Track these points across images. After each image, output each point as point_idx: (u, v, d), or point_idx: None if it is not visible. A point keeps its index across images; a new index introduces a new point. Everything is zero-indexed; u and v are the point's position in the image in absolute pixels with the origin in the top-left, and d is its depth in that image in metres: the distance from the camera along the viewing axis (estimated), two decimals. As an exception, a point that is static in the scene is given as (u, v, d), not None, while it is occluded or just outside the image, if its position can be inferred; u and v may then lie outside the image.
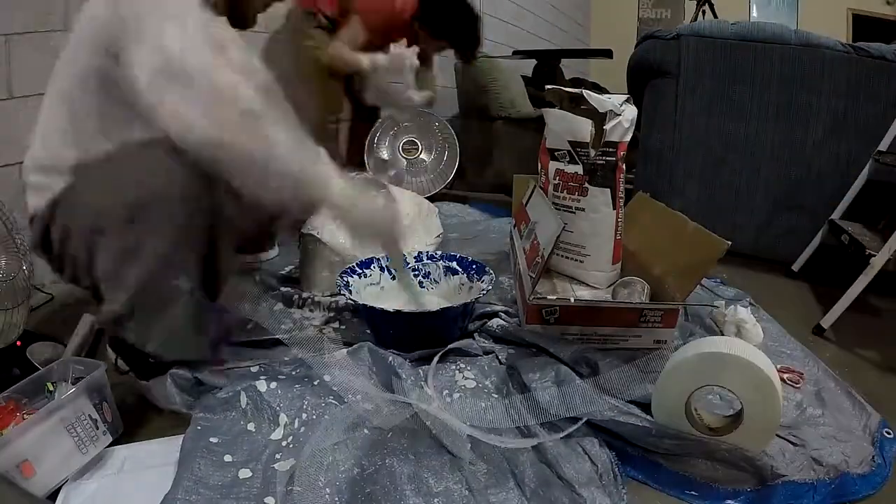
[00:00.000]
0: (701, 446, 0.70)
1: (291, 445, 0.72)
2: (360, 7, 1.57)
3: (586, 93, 1.08)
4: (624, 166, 1.09)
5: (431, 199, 1.83)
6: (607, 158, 1.07)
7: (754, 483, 0.68)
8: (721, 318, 1.05)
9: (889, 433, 0.78)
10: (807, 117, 1.44)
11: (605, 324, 0.96)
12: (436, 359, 0.89)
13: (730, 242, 0.89)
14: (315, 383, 0.84)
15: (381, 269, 1.12)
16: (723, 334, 1.02)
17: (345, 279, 1.02)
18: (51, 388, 0.74)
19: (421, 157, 2.16)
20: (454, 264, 1.12)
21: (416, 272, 1.15)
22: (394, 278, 1.08)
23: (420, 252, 1.15)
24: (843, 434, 0.77)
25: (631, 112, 1.07)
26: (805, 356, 0.99)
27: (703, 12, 3.34)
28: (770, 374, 0.67)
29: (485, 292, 1.00)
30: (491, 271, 1.05)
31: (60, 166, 0.71)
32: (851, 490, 0.67)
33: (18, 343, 0.88)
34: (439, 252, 1.16)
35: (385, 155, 2.15)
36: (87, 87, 0.68)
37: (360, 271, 1.08)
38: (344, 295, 0.98)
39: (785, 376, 0.88)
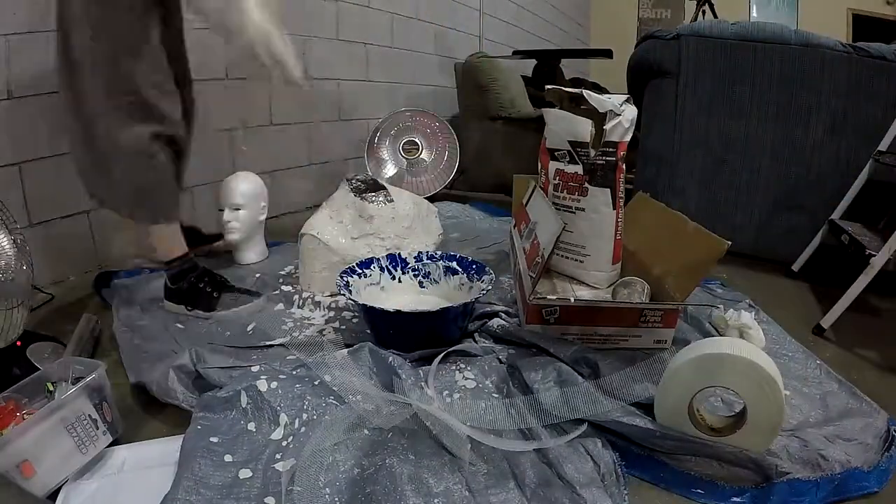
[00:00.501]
0: (705, 448, 0.71)
1: (292, 445, 0.72)
2: None
3: (586, 93, 1.08)
4: (624, 166, 1.09)
5: (431, 199, 1.83)
6: (607, 158, 1.07)
7: (759, 480, 0.68)
8: (722, 323, 1.05)
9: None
10: (807, 117, 1.44)
11: (605, 324, 0.97)
12: (437, 360, 0.89)
13: (730, 242, 0.89)
14: (316, 383, 0.84)
15: (381, 269, 1.12)
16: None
17: (345, 279, 1.02)
18: (51, 388, 0.74)
19: (421, 157, 2.16)
20: (454, 264, 1.12)
21: (416, 272, 1.15)
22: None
23: (420, 252, 1.15)
24: (847, 433, 0.77)
25: (631, 112, 1.07)
26: (807, 357, 0.99)
27: (703, 12, 3.35)
28: (772, 372, 0.67)
29: (485, 292, 1.00)
30: (491, 271, 1.05)
31: None
32: (855, 487, 0.67)
33: (18, 343, 0.88)
34: (439, 252, 1.16)
35: (385, 155, 2.15)
36: None
37: (360, 271, 1.08)
38: (344, 295, 0.98)
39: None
